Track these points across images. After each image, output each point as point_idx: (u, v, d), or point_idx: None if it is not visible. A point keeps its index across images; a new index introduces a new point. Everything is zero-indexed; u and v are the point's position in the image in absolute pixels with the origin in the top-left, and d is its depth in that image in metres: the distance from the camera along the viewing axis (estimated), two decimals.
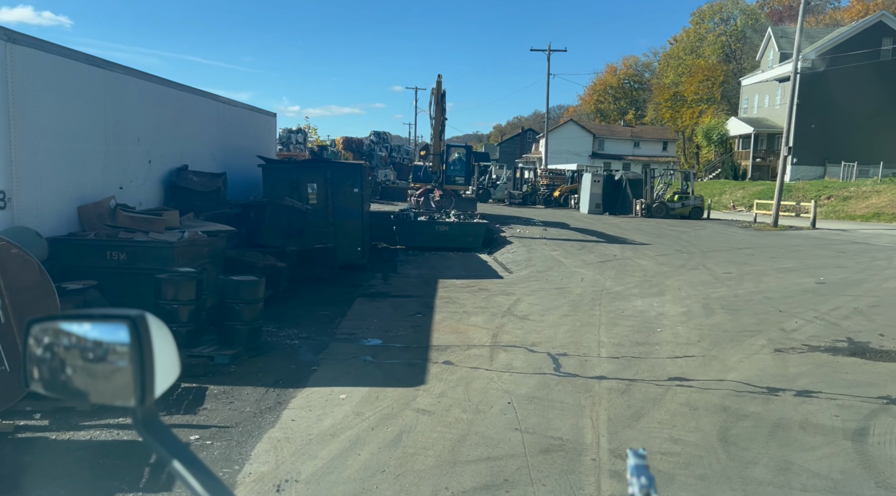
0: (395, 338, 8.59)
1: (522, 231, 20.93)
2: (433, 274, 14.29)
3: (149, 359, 0.95)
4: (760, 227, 24.94)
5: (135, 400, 0.95)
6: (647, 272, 14.16)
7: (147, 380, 0.95)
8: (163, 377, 0.97)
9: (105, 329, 0.97)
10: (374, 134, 38.01)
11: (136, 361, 0.94)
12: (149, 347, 0.95)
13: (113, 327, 0.96)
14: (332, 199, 13.95)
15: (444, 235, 18.43)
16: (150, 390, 0.95)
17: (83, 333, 0.99)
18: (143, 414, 0.96)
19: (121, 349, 0.95)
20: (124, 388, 0.96)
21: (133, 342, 0.94)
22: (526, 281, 13.42)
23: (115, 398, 0.97)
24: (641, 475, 0.99)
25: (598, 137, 67.91)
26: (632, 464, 1.01)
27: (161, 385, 0.97)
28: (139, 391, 0.95)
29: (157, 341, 0.96)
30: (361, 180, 14.32)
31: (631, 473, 1.00)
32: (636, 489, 0.97)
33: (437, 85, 19.66)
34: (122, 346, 0.95)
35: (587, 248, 17.83)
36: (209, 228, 9.46)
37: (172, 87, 11.68)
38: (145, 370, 0.94)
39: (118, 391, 0.96)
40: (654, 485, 0.98)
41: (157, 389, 0.97)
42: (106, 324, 0.98)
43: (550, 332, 9.04)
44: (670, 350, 8.24)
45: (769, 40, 47.96)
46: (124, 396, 0.96)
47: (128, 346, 0.95)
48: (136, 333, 0.94)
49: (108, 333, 0.97)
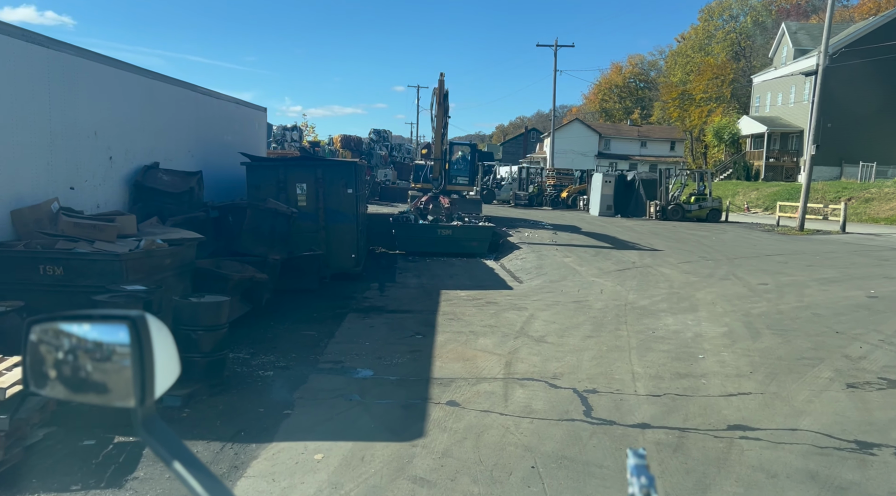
0: (390, 368, 7.20)
1: (531, 235, 19.54)
2: (435, 283, 12.92)
3: (149, 360, 0.96)
4: (785, 230, 23.47)
5: (135, 400, 0.96)
6: (672, 283, 12.75)
7: (147, 381, 0.96)
8: (163, 377, 0.98)
9: (105, 330, 0.99)
10: (374, 132, 36.53)
11: (136, 362, 0.96)
12: (149, 348, 0.96)
13: (113, 328, 0.98)
14: (324, 200, 12.58)
15: (448, 240, 17.05)
16: (150, 391, 0.96)
17: (83, 334, 1.01)
18: (143, 414, 0.97)
19: (121, 350, 0.97)
20: (124, 389, 0.97)
21: (133, 343, 0.96)
22: (539, 292, 12.02)
23: (115, 399, 0.98)
24: (642, 475, 0.97)
25: (603, 137, 66.44)
26: (632, 464, 0.99)
27: (161, 385, 0.98)
28: (139, 392, 0.96)
29: (157, 342, 0.98)
30: (356, 180, 12.95)
31: (631, 473, 0.98)
32: (636, 489, 0.95)
33: (440, 84, 18.25)
34: (122, 347, 0.97)
35: (602, 255, 16.43)
36: (174, 236, 8.09)
37: (141, 73, 10.30)
38: (145, 370, 0.96)
39: (118, 392, 0.98)
40: (655, 485, 0.95)
41: (158, 390, 0.98)
42: (106, 325, 0.99)
43: (573, 360, 7.65)
44: (720, 384, 6.84)
45: (783, 36, 46.49)
46: (124, 397, 0.97)
47: (128, 347, 0.96)
48: (136, 334, 0.96)
49: (108, 334, 0.98)
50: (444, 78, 18.19)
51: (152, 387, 0.96)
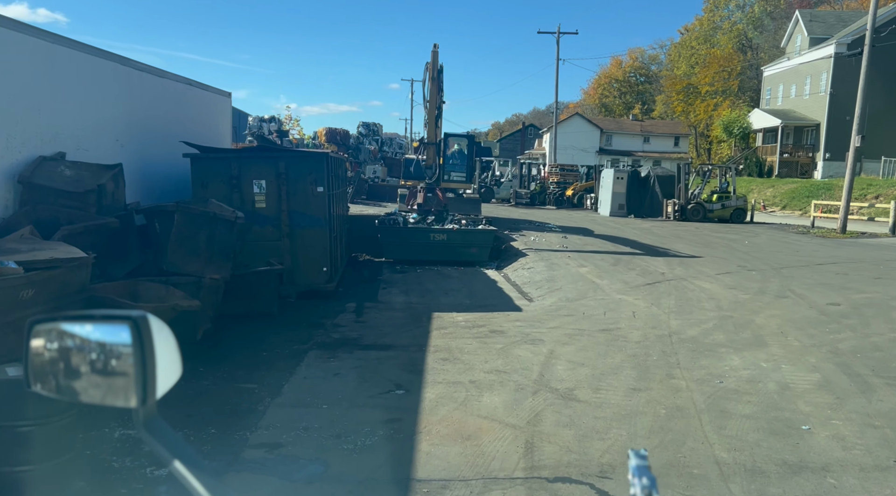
0: (352, 458, 4.77)
1: (538, 239, 17.11)
2: (426, 302, 10.50)
3: (150, 360, 0.96)
4: (824, 233, 20.91)
5: (136, 400, 0.96)
6: (719, 302, 10.34)
7: (149, 381, 0.96)
8: (164, 378, 0.98)
9: (107, 330, 0.99)
10: (363, 125, 33.80)
11: (137, 362, 0.96)
12: (150, 348, 0.96)
13: (115, 328, 0.98)
14: (288, 201, 10.15)
15: (442, 246, 14.64)
16: (151, 391, 0.96)
17: (85, 334, 1.00)
18: (144, 414, 0.97)
19: (123, 350, 0.97)
20: (126, 389, 0.97)
21: (135, 343, 0.96)
22: (555, 315, 9.61)
23: (117, 399, 0.98)
24: (643, 476, 0.96)
25: (605, 132, 63.98)
26: (633, 465, 0.98)
27: (162, 385, 0.98)
28: (141, 392, 0.96)
29: (159, 342, 0.97)
30: (329, 175, 10.53)
31: (633, 474, 0.97)
32: (638, 489, 0.94)
33: (433, 57, 15.83)
34: (123, 347, 0.97)
35: (624, 263, 14.02)
36: (46, 255, 5.64)
37: (36, 36, 7.82)
38: (147, 371, 0.96)
39: (120, 392, 0.98)
40: (656, 486, 0.95)
41: (159, 390, 0.98)
42: (108, 326, 0.99)
43: (623, 435, 5.24)
44: (859, 487, 4.43)
45: (796, 25, 44.10)
46: (126, 397, 0.97)
47: (130, 347, 0.96)
48: (137, 334, 0.96)
49: (109, 334, 0.98)
50: (437, 50, 15.78)
51: (154, 387, 0.96)
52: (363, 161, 30.19)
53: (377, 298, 10.86)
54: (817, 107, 39.85)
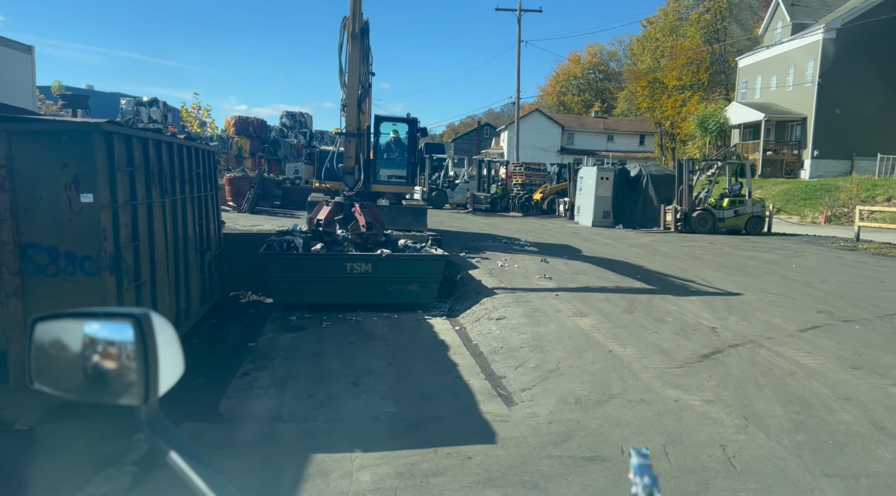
0: None
1: (507, 264, 12.10)
2: (308, 418, 5.42)
3: (153, 358, 0.94)
4: (880, 248, 16.01)
5: (139, 398, 0.94)
6: (864, 406, 5.48)
7: (151, 378, 0.94)
8: (167, 375, 0.96)
9: (110, 327, 0.96)
10: (288, 115, 27.77)
11: (140, 359, 0.94)
12: (153, 345, 0.94)
13: (117, 326, 0.95)
14: (17, 219, 4.93)
15: (365, 282, 9.57)
16: (154, 388, 0.94)
17: (88, 331, 0.97)
18: (147, 412, 0.95)
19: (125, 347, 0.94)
20: (128, 386, 0.95)
21: (138, 340, 0.94)
22: (562, 457, 4.59)
23: (120, 396, 0.96)
24: (645, 474, 0.95)
25: (567, 130, 59.61)
26: (635, 464, 0.97)
27: (165, 383, 0.96)
28: (143, 389, 0.94)
29: (162, 339, 0.95)
30: (110, 168, 5.35)
31: (634, 473, 0.96)
32: (639, 488, 0.93)
33: (352, 12, 10.61)
34: (126, 345, 0.94)
35: (643, 308, 9.10)
36: None
37: None
38: (149, 368, 0.94)
39: (122, 389, 0.95)
40: (658, 485, 0.94)
41: (162, 387, 0.96)
42: (110, 323, 0.96)
43: None
44: None
45: (776, 9, 40.31)
46: (128, 394, 0.95)
47: (132, 344, 0.94)
48: (140, 331, 0.94)
49: (112, 331, 0.96)
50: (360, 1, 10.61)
51: (156, 384, 0.94)
52: (283, 158, 24.67)
53: (217, 409, 5.66)
54: (803, 99, 36.06)
